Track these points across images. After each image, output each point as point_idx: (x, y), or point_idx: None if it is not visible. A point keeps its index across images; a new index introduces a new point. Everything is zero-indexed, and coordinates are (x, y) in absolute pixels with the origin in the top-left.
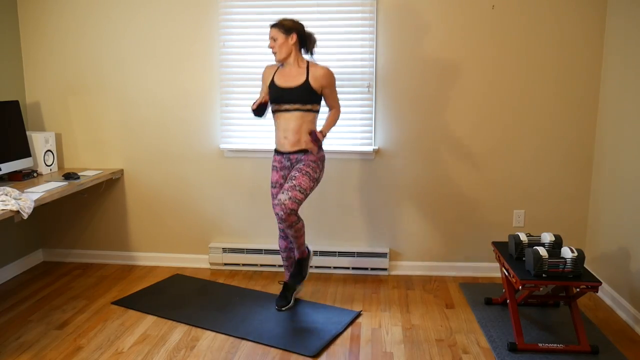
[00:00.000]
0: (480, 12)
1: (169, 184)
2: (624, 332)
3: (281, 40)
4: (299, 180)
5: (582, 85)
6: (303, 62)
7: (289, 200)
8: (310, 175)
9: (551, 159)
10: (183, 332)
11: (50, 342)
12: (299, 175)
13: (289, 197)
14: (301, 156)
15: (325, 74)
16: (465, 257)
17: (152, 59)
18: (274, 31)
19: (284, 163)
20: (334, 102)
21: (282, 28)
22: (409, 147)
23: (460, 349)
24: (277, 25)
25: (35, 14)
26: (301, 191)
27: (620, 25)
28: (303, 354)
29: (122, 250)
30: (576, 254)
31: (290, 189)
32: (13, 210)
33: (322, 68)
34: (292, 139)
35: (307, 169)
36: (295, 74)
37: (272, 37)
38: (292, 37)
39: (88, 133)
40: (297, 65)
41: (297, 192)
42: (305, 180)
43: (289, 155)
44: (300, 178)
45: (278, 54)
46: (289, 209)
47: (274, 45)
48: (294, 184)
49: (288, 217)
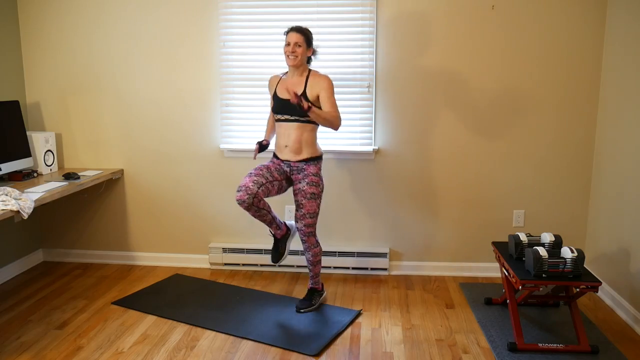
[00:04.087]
0: (480, 12)
1: (169, 184)
2: (624, 332)
3: (304, 48)
4: (306, 208)
5: (582, 85)
6: (306, 70)
7: (305, 227)
8: (315, 195)
9: (551, 159)
10: (183, 332)
11: (50, 342)
12: (306, 202)
13: (304, 225)
14: (303, 165)
15: (320, 80)
16: (465, 257)
17: (153, 59)
18: (300, 37)
19: (282, 167)
20: (331, 106)
21: (307, 38)
22: (409, 147)
23: (460, 349)
24: (303, 34)
25: (35, 14)
26: (311, 216)
27: (620, 26)
28: (304, 353)
29: (122, 250)
30: (576, 254)
31: (302, 218)
32: (13, 210)
33: (322, 76)
34: (294, 147)
35: (311, 189)
36: (295, 83)
37: (296, 42)
38: (310, 49)
39: (88, 133)
40: (299, 74)
41: (308, 219)
42: (312, 205)
43: (289, 162)
44: (307, 205)
45: (295, 59)
46: (306, 233)
47: (296, 51)
48: (303, 213)
49: (307, 240)
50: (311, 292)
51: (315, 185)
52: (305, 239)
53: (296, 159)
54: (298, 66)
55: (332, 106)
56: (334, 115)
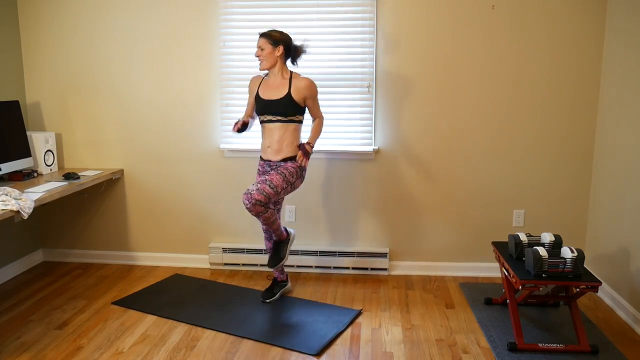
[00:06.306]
0: (480, 12)
1: (169, 184)
2: (624, 332)
3: (268, 50)
4: (271, 177)
5: (582, 85)
6: (287, 73)
7: (256, 191)
8: (286, 177)
9: (551, 159)
10: (183, 332)
11: (50, 342)
12: (274, 173)
13: (257, 189)
14: (281, 164)
15: (307, 85)
16: (465, 257)
17: (153, 59)
18: (262, 41)
19: (265, 168)
20: (317, 112)
21: (270, 39)
22: (409, 147)
23: (460, 349)
24: (266, 36)
25: (35, 14)
26: (271, 186)
27: (620, 25)
28: (304, 353)
29: (122, 250)
30: (576, 254)
31: (261, 182)
32: (13, 210)
33: (305, 79)
34: (276, 147)
35: (285, 171)
36: (277, 85)
37: (259, 46)
38: (278, 49)
39: (88, 133)
40: (281, 76)
41: (266, 186)
42: (279, 179)
43: (269, 162)
44: (274, 176)
45: (263, 63)
46: (254, 198)
47: (261, 54)
48: (265, 179)
49: (253, 207)
50: (277, 246)
51: (289, 172)
52: (250, 206)
53: (276, 159)
54: (270, 68)
55: (318, 111)
56: (321, 124)
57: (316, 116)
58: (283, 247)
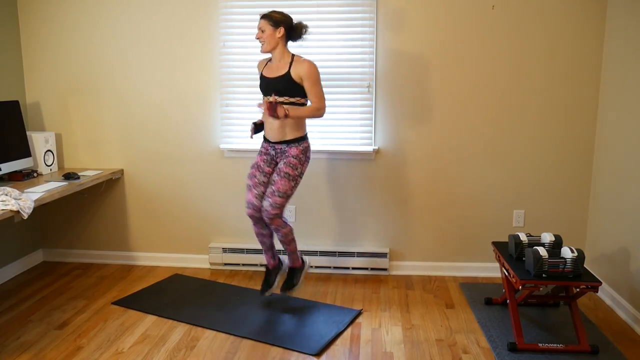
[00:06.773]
0: (480, 12)
1: (169, 184)
2: (624, 332)
3: (269, 32)
4: (277, 185)
5: (582, 85)
6: (288, 55)
7: (271, 207)
8: (290, 176)
9: (551, 159)
10: (183, 332)
11: (50, 342)
12: (278, 179)
13: (270, 204)
14: (285, 147)
15: (305, 66)
16: (465, 257)
17: (153, 59)
18: (263, 22)
19: (268, 150)
20: (314, 97)
21: (271, 20)
22: (409, 147)
23: (460, 349)
24: (266, 17)
25: (35, 14)
26: (281, 195)
27: (621, 25)
28: (304, 352)
29: (122, 250)
30: (576, 254)
31: (271, 195)
32: (13, 210)
33: (305, 61)
34: (277, 128)
35: (287, 169)
36: (280, 66)
37: (260, 27)
38: (279, 30)
39: (88, 133)
40: (282, 58)
41: (277, 198)
42: (284, 183)
43: (274, 145)
44: (279, 182)
45: (264, 45)
46: (271, 214)
47: (262, 36)
48: (273, 190)
49: (272, 222)
50: (291, 273)
51: (292, 167)
52: (269, 222)
53: (279, 140)
54: (271, 50)
55: (316, 96)
56: (315, 107)
57: (313, 102)
58: (297, 274)
